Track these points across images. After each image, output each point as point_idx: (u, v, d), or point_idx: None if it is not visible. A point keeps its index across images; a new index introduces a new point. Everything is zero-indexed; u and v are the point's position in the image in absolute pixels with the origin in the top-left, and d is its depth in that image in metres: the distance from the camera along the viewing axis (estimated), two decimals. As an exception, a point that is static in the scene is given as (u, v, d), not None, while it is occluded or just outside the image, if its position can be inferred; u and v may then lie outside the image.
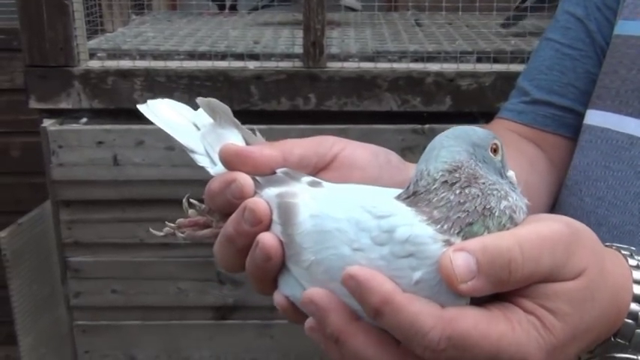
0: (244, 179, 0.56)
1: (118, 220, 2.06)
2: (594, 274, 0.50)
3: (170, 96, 2.08)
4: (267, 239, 0.54)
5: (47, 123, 2.02)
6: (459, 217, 0.49)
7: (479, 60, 2.10)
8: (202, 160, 0.61)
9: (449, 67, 2.06)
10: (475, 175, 0.51)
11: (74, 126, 2.03)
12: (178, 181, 1.92)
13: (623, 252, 0.57)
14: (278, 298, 0.56)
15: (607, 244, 0.58)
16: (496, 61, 2.08)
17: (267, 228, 0.55)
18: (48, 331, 2.29)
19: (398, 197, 0.53)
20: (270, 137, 0.63)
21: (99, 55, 2.17)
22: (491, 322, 0.47)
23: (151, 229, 0.64)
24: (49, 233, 2.14)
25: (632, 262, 0.56)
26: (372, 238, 0.50)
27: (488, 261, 0.46)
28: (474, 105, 2.02)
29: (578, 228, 0.51)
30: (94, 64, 2.10)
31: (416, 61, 2.11)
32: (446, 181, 0.51)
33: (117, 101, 2.06)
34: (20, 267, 2.19)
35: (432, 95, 2.03)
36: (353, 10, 2.79)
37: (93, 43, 2.25)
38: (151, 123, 0.64)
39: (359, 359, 0.49)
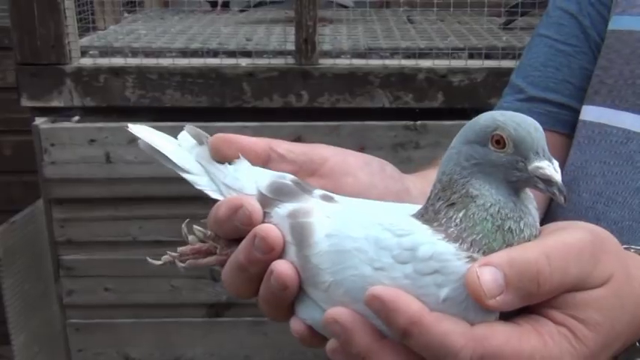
0: (252, 205, 0.54)
1: (110, 218, 2.06)
2: (621, 280, 0.49)
3: (162, 93, 2.10)
4: (283, 268, 0.52)
5: (39, 121, 2.01)
6: (474, 238, 0.47)
7: (470, 56, 2.10)
8: (199, 180, 0.60)
9: (441, 64, 2.06)
10: (469, 194, 0.49)
11: (66, 124, 2.02)
12: (171, 179, 1.90)
13: None
14: (295, 324, 0.54)
15: (624, 246, 0.57)
16: (488, 57, 2.08)
17: (280, 255, 0.53)
18: (41, 330, 2.28)
19: (416, 214, 0.51)
20: (263, 134, 0.63)
21: (91, 52, 2.17)
22: (522, 337, 0.45)
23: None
24: (42, 231, 2.13)
25: None
26: (394, 256, 0.48)
27: (516, 274, 0.45)
28: (466, 101, 2.02)
29: (601, 234, 0.50)
30: (86, 61, 2.10)
31: (408, 57, 2.11)
32: (445, 200, 0.50)
33: (109, 99, 2.05)
34: (13, 265, 2.19)
35: (424, 91, 2.04)
36: (345, 7, 2.79)
37: (85, 40, 2.24)
38: (144, 121, 0.64)
39: None
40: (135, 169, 1.99)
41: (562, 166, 0.85)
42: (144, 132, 0.62)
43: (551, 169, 0.47)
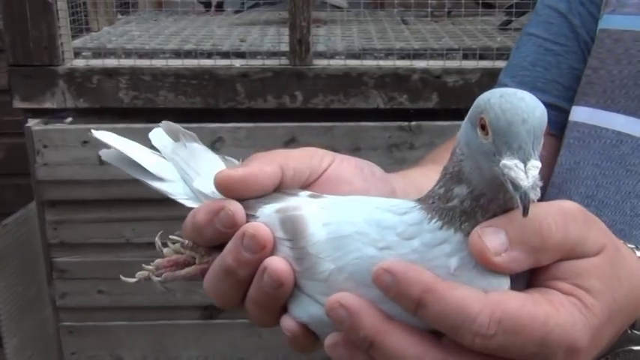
0: (234, 206, 0.52)
1: (103, 220, 2.05)
2: (613, 252, 0.48)
3: (156, 95, 2.09)
4: (277, 263, 0.50)
5: (32, 123, 2.00)
6: (466, 223, 0.46)
7: (465, 57, 2.10)
8: (172, 189, 0.57)
9: (435, 64, 2.06)
10: (461, 174, 0.47)
11: (59, 125, 2.01)
12: (165, 181, 1.91)
13: (628, 245, 0.55)
14: (288, 323, 0.51)
15: None
16: (482, 57, 2.08)
17: (272, 252, 0.51)
18: (34, 333, 2.27)
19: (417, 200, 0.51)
20: (257, 135, 0.61)
21: (84, 54, 2.16)
22: (535, 303, 0.45)
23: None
24: (35, 234, 2.12)
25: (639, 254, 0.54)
26: (399, 234, 0.47)
27: (519, 230, 0.45)
28: (461, 102, 2.02)
29: (586, 210, 0.50)
30: (79, 63, 2.09)
31: (402, 58, 2.11)
32: (444, 171, 0.49)
33: (102, 100, 2.04)
34: (5, 268, 2.18)
35: (418, 92, 2.03)
36: (339, 8, 2.78)
37: (78, 42, 2.24)
38: (137, 122, 0.62)
39: None
40: (128, 170, 1.97)
41: (550, 167, 0.84)
42: (110, 138, 0.59)
43: (520, 171, 0.42)
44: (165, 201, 0.61)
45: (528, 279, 0.47)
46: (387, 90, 2.03)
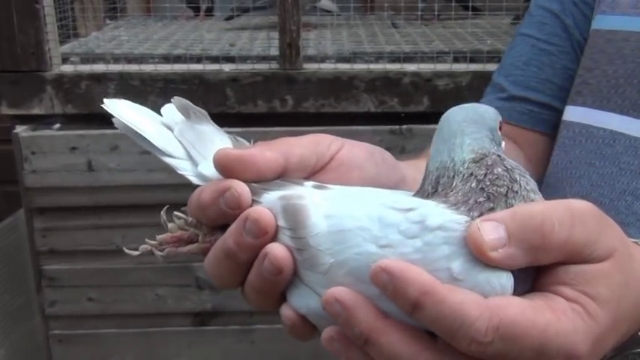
0: (241, 187, 0.51)
1: (93, 227, 2.03)
2: (624, 257, 0.48)
3: (145, 100, 2.08)
4: (278, 250, 0.49)
5: (19, 129, 1.98)
6: (479, 201, 0.47)
7: (455, 60, 2.10)
8: (181, 165, 0.56)
9: (426, 67, 2.05)
10: (502, 159, 0.51)
11: (47, 132, 2.00)
12: (154, 186, 1.90)
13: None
14: (287, 312, 0.51)
15: None
16: (472, 60, 2.08)
17: (273, 239, 0.50)
18: (23, 342, 2.24)
19: (417, 193, 0.51)
20: (248, 140, 0.59)
21: (72, 59, 2.14)
22: (536, 310, 0.44)
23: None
24: (23, 241, 2.11)
25: None
26: (402, 232, 0.46)
27: (519, 226, 0.44)
28: (452, 105, 2.00)
29: (602, 211, 0.49)
30: (67, 68, 2.07)
31: (393, 61, 2.11)
32: (471, 174, 0.49)
33: (90, 106, 2.03)
34: (-6, 276, 2.16)
35: (409, 96, 2.03)
36: (329, 12, 2.78)
37: (66, 47, 2.22)
38: None
39: None
40: (117, 176, 1.96)
41: (544, 166, 0.84)
42: (122, 109, 0.57)
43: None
44: (155, 207, 0.60)
45: (534, 279, 0.47)
46: (377, 94, 2.03)
